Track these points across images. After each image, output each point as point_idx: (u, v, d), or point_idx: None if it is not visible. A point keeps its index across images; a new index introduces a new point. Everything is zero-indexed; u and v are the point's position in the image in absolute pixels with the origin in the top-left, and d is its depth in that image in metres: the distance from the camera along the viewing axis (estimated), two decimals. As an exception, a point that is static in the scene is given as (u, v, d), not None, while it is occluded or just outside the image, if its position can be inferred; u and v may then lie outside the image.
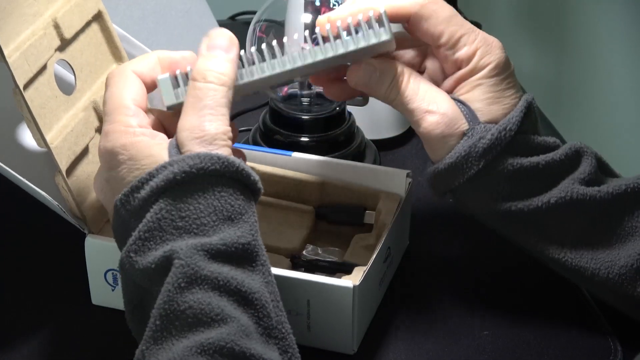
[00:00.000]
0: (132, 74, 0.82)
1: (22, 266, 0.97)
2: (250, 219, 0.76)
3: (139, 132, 0.79)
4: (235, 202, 0.75)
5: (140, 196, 0.75)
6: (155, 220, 0.74)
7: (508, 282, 0.96)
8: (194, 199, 0.75)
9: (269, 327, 0.72)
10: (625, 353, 0.89)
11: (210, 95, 0.78)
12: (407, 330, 0.91)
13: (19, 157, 0.92)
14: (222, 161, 0.75)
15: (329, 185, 0.98)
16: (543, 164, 0.86)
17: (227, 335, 0.69)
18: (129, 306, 0.77)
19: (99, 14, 0.91)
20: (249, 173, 0.77)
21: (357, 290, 0.85)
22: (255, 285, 0.73)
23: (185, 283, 0.71)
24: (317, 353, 0.88)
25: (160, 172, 0.75)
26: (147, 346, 0.71)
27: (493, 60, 0.86)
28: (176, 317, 0.71)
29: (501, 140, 0.85)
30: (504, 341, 0.90)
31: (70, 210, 0.88)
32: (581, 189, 0.86)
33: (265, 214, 0.97)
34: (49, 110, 0.85)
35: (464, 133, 0.86)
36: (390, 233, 0.91)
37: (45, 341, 0.90)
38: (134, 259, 0.75)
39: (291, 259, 0.93)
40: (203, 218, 0.74)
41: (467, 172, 0.86)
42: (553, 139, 0.88)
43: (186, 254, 0.72)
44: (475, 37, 0.86)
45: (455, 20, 0.86)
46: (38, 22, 0.85)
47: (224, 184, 0.76)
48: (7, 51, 0.82)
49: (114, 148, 0.78)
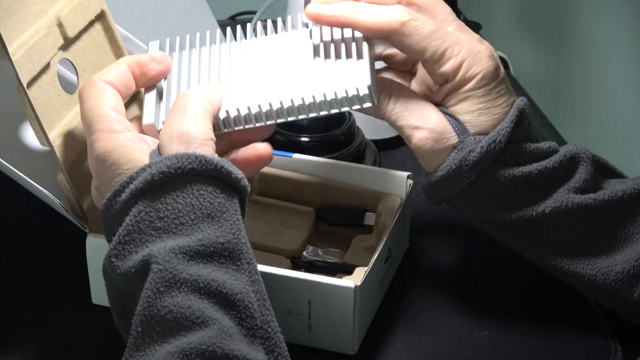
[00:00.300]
0: (104, 83, 0.82)
1: (23, 265, 0.97)
2: (232, 217, 0.75)
3: (123, 137, 0.79)
4: (214, 200, 0.75)
5: (121, 199, 0.75)
6: (135, 223, 0.74)
7: (508, 283, 0.96)
8: (172, 199, 0.74)
9: (253, 327, 0.72)
10: (625, 354, 0.89)
11: (192, 101, 0.80)
12: (407, 331, 0.91)
13: (21, 156, 0.92)
14: (199, 159, 0.75)
15: (330, 186, 0.98)
16: (536, 173, 0.86)
17: (208, 338, 0.68)
18: (115, 312, 0.77)
19: (102, 14, 0.92)
20: (230, 171, 0.76)
21: (358, 290, 0.85)
22: (238, 285, 0.72)
23: (164, 287, 0.71)
24: (318, 353, 0.88)
25: (140, 175, 0.75)
26: (130, 354, 0.70)
27: (480, 71, 0.85)
28: (157, 322, 0.70)
29: (491, 153, 0.85)
30: (504, 341, 0.90)
31: (72, 209, 0.88)
32: (576, 198, 0.86)
33: (266, 215, 0.97)
34: (51, 108, 0.85)
35: (454, 146, 0.86)
36: (390, 234, 0.91)
37: (45, 341, 0.90)
38: (115, 263, 0.74)
39: (291, 260, 0.93)
40: (182, 217, 0.74)
41: (459, 185, 0.86)
42: (548, 145, 0.87)
43: (164, 258, 0.72)
44: (461, 49, 0.85)
45: (438, 34, 0.85)
46: (42, 20, 0.85)
47: (202, 182, 0.75)
48: (12, 49, 0.82)
49: (99, 156, 0.79)
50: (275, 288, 0.86)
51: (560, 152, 0.87)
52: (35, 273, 0.96)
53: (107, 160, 0.78)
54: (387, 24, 0.85)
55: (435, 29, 0.85)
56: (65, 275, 0.95)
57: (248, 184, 0.78)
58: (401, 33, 0.85)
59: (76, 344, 0.89)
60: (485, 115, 0.86)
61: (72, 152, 0.87)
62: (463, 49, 0.85)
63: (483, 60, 0.86)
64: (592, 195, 0.86)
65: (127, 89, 0.84)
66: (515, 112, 0.86)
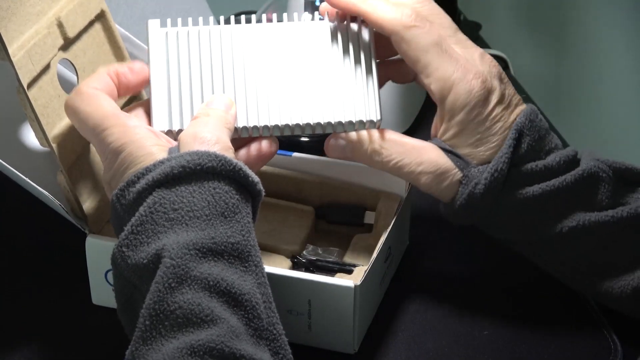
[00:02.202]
0: (94, 89, 0.83)
1: (23, 266, 0.97)
2: (244, 219, 0.76)
3: (139, 131, 0.79)
4: (229, 200, 0.75)
5: (135, 189, 0.76)
6: (148, 213, 0.74)
7: (508, 282, 0.96)
8: (188, 193, 0.75)
9: (259, 329, 0.72)
10: (626, 353, 0.89)
11: (214, 113, 0.82)
12: (407, 330, 0.91)
13: (21, 156, 0.92)
14: (219, 159, 0.76)
15: (329, 185, 0.98)
16: (548, 192, 0.86)
17: (217, 336, 0.69)
18: (120, 302, 0.77)
19: (102, 14, 0.92)
20: (248, 174, 0.77)
21: (358, 290, 0.85)
22: (246, 286, 0.73)
23: (175, 283, 0.71)
24: (318, 353, 0.88)
25: (158, 167, 0.76)
26: (137, 347, 0.70)
27: (469, 101, 0.85)
28: (166, 317, 0.70)
29: (497, 182, 0.85)
30: (504, 341, 0.90)
31: (72, 209, 0.88)
32: (594, 216, 0.86)
33: (265, 214, 0.97)
34: (52, 109, 0.86)
35: (460, 181, 0.86)
36: (390, 233, 0.91)
37: (46, 341, 0.90)
38: (126, 253, 0.74)
39: (291, 259, 0.93)
40: (196, 211, 0.74)
41: (474, 214, 0.87)
42: (558, 159, 0.86)
43: (177, 253, 0.72)
44: (453, 72, 0.85)
45: (435, 49, 0.85)
46: (42, 21, 0.85)
47: (220, 181, 0.76)
48: (12, 50, 0.82)
49: (114, 149, 0.79)
50: (276, 288, 0.85)
51: (578, 171, 0.86)
52: (36, 274, 0.96)
53: (122, 151, 0.78)
54: (391, 24, 0.85)
55: (434, 42, 0.85)
56: (65, 275, 0.95)
57: (263, 190, 0.78)
58: (401, 37, 0.85)
59: (76, 344, 0.89)
60: (483, 145, 0.86)
61: (72, 153, 0.87)
62: (456, 72, 0.85)
63: (474, 89, 0.85)
64: (610, 212, 0.86)
65: (112, 96, 0.84)
66: (513, 134, 0.86)
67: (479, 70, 0.86)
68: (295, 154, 0.99)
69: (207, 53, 0.88)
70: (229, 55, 0.88)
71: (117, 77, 0.85)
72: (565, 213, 0.86)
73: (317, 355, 0.88)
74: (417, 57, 0.85)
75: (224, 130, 0.81)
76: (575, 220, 0.86)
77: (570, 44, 1.53)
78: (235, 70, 0.87)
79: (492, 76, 0.87)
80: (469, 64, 0.86)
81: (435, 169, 0.86)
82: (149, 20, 0.88)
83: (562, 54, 1.55)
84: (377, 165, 0.88)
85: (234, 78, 0.87)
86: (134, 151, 0.78)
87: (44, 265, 0.97)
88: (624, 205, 0.87)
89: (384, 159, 0.87)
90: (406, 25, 0.85)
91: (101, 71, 0.85)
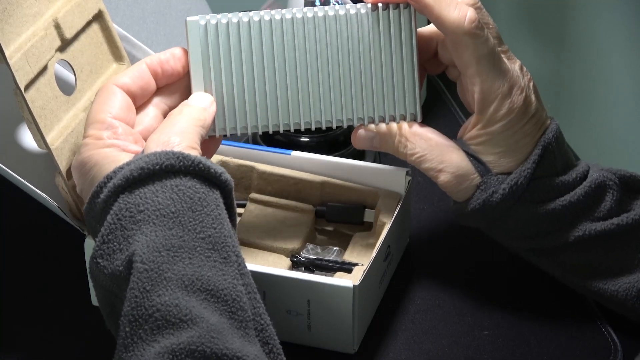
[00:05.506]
0: (115, 88, 0.83)
1: (22, 267, 0.97)
2: (213, 212, 0.75)
3: (109, 143, 0.80)
4: (194, 194, 0.75)
5: (100, 200, 0.76)
6: (116, 220, 0.74)
7: (508, 282, 0.96)
8: (151, 193, 0.75)
9: (245, 320, 0.71)
10: (625, 353, 0.89)
11: (182, 120, 0.82)
12: (407, 330, 0.91)
13: (19, 158, 0.92)
14: (176, 156, 0.76)
15: (329, 184, 0.98)
16: (560, 207, 0.86)
17: (197, 337, 0.68)
18: (104, 312, 0.77)
19: (99, 14, 0.91)
20: (208, 166, 0.76)
21: (357, 289, 0.85)
22: (225, 280, 0.72)
23: (150, 286, 0.71)
24: (318, 353, 0.88)
25: (118, 173, 0.76)
26: (120, 355, 0.70)
27: (510, 116, 0.85)
28: (145, 320, 0.70)
29: (514, 194, 0.86)
30: (504, 341, 0.90)
31: (70, 211, 0.88)
32: (599, 225, 0.86)
33: (265, 213, 0.97)
34: (49, 111, 0.85)
35: (478, 186, 0.87)
36: (390, 231, 0.91)
37: (46, 341, 0.90)
38: (101, 264, 0.74)
39: (291, 259, 0.93)
40: (162, 210, 0.74)
41: (484, 220, 0.88)
42: (575, 174, 0.87)
43: (148, 257, 0.72)
44: (500, 86, 0.85)
45: (487, 61, 0.84)
46: (39, 22, 0.85)
47: (182, 177, 0.76)
48: (8, 52, 0.82)
49: (82, 160, 0.80)
50: (275, 288, 0.86)
51: (586, 183, 0.87)
52: (35, 275, 0.96)
53: (87, 163, 0.79)
54: (452, 25, 0.84)
55: (489, 53, 0.85)
56: (65, 277, 0.95)
57: (230, 179, 0.78)
58: (459, 40, 0.84)
59: (76, 344, 0.89)
60: (507, 157, 0.87)
61: (70, 155, 0.87)
62: (501, 87, 0.85)
63: (515, 105, 0.85)
64: (615, 220, 0.87)
65: (144, 90, 0.85)
66: (539, 150, 0.86)
67: (521, 85, 0.86)
68: (294, 152, 0.99)
69: (247, 44, 0.87)
70: (270, 46, 0.87)
71: (160, 66, 0.85)
72: (573, 223, 0.87)
73: (317, 355, 0.88)
74: (470, 64, 0.85)
75: (194, 129, 0.81)
76: (582, 230, 0.87)
77: (571, 44, 1.52)
78: (277, 62, 0.87)
79: (531, 91, 0.87)
80: (514, 79, 0.86)
81: (456, 169, 0.87)
82: (188, 18, 0.87)
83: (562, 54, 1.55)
84: (401, 156, 0.89)
85: (275, 70, 0.87)
86: (99, 161, 0.79)
87: (44, 267, 0.97)
88: (628, 212, 0.88)
89: (408, 152, 0.88)
90: (467, 32, 0.84)
91: (141, 62, 0.85)
